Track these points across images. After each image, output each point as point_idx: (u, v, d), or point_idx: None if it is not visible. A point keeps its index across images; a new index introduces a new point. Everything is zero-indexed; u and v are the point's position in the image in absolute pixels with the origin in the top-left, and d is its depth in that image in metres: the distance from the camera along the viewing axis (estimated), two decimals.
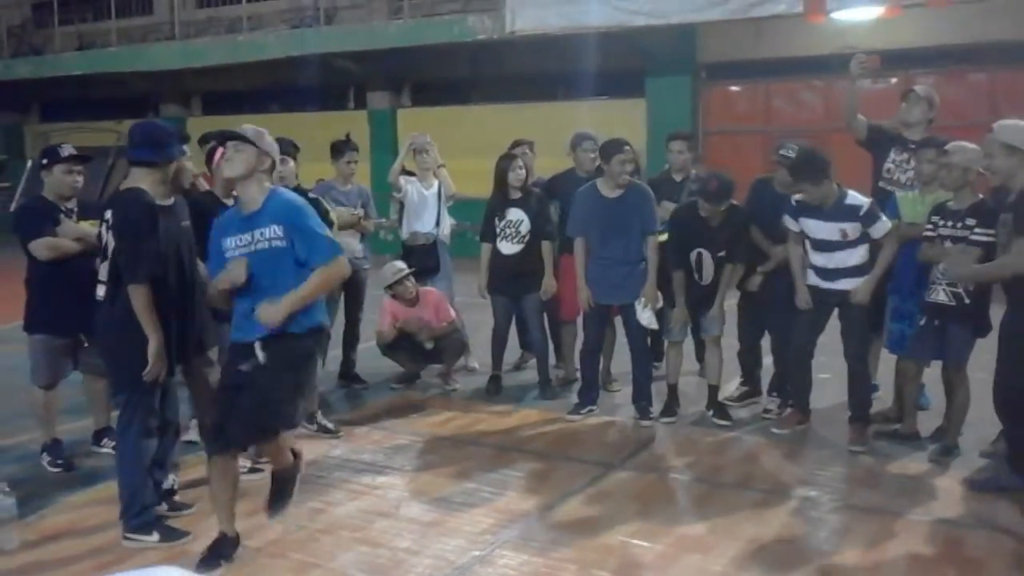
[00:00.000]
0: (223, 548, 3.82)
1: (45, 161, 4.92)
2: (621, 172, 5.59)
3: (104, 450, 5.15)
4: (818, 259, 5.24)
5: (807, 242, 5.27)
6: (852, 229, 5.08)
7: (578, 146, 6.41)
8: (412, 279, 6.48)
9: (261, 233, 3.68)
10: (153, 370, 3.90)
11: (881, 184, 5.67)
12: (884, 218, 5.08)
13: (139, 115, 16.45)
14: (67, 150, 4.96)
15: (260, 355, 3.67)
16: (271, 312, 3.62)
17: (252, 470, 4.93)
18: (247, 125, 3.85)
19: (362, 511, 4.41)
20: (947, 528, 4.17)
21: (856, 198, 5.11)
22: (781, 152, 5.59)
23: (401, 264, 6.54)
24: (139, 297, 3.86)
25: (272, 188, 3.80)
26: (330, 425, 5.58)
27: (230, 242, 3.75)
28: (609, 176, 5.66)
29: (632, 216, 5.64)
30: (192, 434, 4.92)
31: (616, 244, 5.67)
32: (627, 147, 5.63)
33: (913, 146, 5.51)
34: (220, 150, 5.14)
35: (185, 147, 4.51)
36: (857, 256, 5.14)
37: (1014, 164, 4.38)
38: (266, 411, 3.71)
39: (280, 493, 4.00)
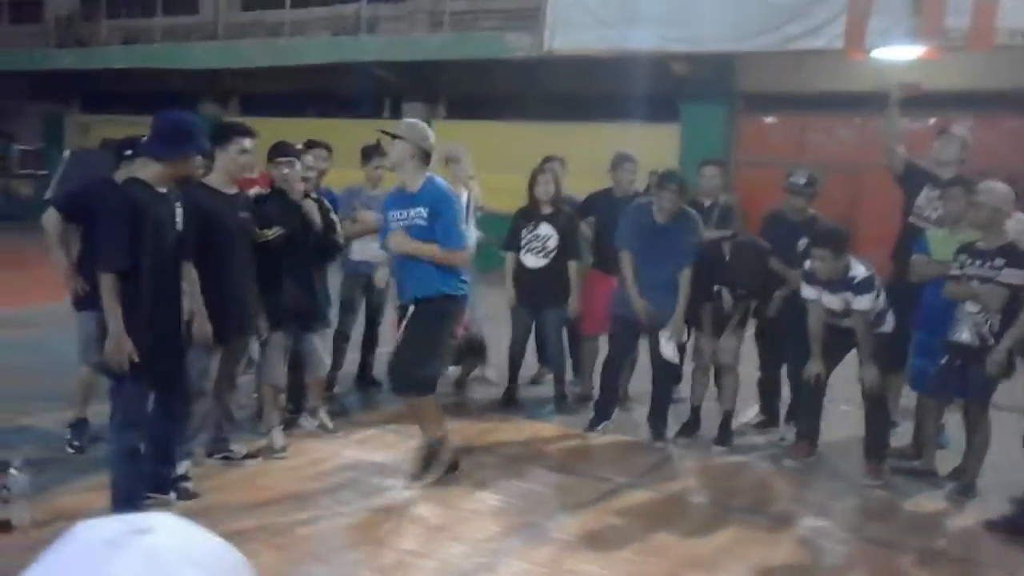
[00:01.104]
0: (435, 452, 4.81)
1: (129, 152, 4.96)
2: (661, 205, 5.61)
3: None
4: (832, 318, 5.27)
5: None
6: (851, 298, 5.11)
7: (618, 166, 6.45)
8: None
9: (414, 211, 4.63)
10: (112, 360, 3.87)
11: (912, 220, 5.65)
12: (871, 296, 5.07)
13: None
14: None
15: (411, 311, 4.71)
16: (400, 240, 4.64)
17: (247, 456, 5.00)
18: (405, 120, 4.79)
19: (370, 511, 4.42)
20: (958, 566, 4.13)
21: (857, 268, 5.10)
22: (791, 179, 5.70)
23: None
24: (105, 284, 3.87)
25: (429, 176, 4.72)
26: (330, 424, 5.61)
27: (392, 214, 4.74)
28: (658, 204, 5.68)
29: (676, 245, 5.61)
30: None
31: (655, 268, 5.64)
32: (671, 185, 5.60)
33: (944, 184, 5.47)
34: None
35: (247, 141, 4.65)
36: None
37: None
38: (411, 360, 4.68)
39: (424, 461, 4.82)
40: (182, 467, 4.42)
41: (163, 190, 4.04)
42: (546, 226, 6.25)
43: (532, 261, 6.28)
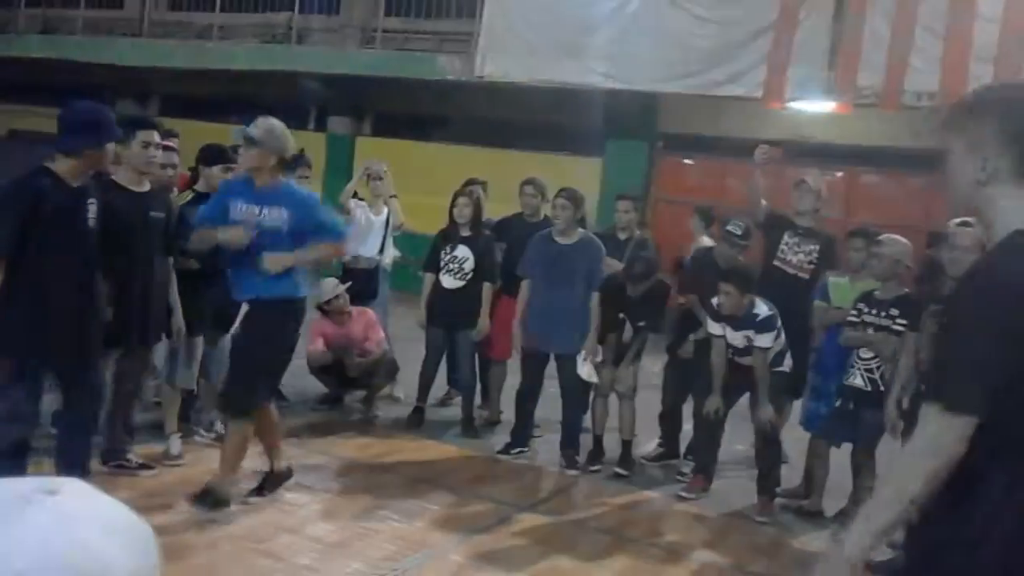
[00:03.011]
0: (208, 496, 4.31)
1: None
2: (554, 216, 5.86)
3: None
4: (735, 356, 5.44)
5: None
6: (753, 335, 5.30)
7: (521, 190, 6.62)
8: (347, 295, 6.47)
9: (268, 211, 4.25)
10: None
11: (775, 263, 6.00)
12: (772, 334, 5.26)
13: None
14: None
15: (244, 311, 4.42)
16: (276, 260, 4.20)
17: (142, 466, 4.89)
18: (261, 119, 4.36)
19: (266, 524, 4.36)
20: None
21: (760, 307, 5.30)
22: (728, 228, 5.81)
23: (334, 282, 6.53)
24: None
25: (284, 181, 4.42)
26: (210, 434, 5.52)
27: (238, 205, 4.29)
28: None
29: (579, 266, 5.77)
30: None
31: (558, 291, 5.77)
32: (563, 194, 5.84)
33: (802, 231, 5.90)
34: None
35: (154, 134, 4.57)
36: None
37: None
38: (245, 375, 4.32)
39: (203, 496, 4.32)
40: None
41: (75, 184, 3.93)
42: (463, 248, 6.30)
43: (449, 282, 6.32)
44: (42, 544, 0.74)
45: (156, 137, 4.63)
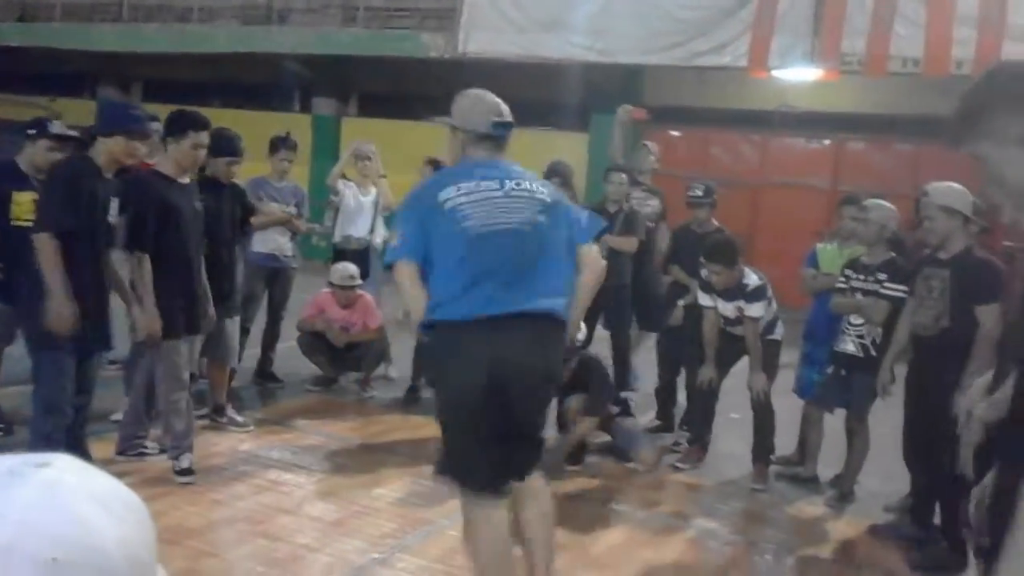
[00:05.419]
0: None
1: (32, 132, 4.89)
2: None
3: None
4: (726, 326, 5.46)
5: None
6: (744, 305, 5.32)
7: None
8: (358, 290, 6.52)
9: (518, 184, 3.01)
10: (54, 326, 3.87)
11: None
12: (762, 303, 5.27)
13: (75, 94, 16.09)
14: (56, 128, 4.93)
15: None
16: None
17: (164, 452, 4.91)
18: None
19: (264, 506, 4.37)
20: (835, 568, 4.33)
21: (750, 276, 5.31)
22: (689, 193, 6.10)
23: (355, 270, 6.53)
24: (45, 246, 3.87)
25: None
26: (239, 418, 5.54)
27: (459, 189, 2.95)
28: None
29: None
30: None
31: None
32: (555, 180, 5.70)
33: (645, 188, 6.82)
34: None
35: (203, 135, 4.57)
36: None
37: (953, 226, 4.36)
38: None
39: None
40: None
41: (106, 175, 4.11)
42: None
43: None
44: (27, 515, 0.74)
45: (205, 139, 4.63)
